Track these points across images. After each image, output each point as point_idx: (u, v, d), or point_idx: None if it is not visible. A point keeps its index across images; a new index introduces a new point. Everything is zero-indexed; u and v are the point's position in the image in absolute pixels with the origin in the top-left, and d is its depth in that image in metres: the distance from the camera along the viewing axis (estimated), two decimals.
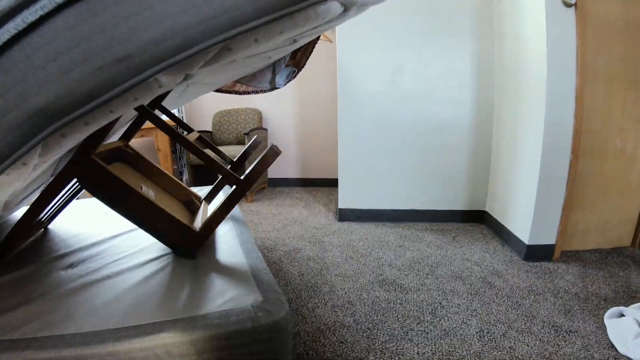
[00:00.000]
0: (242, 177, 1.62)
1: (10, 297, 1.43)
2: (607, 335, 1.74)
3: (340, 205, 3.29)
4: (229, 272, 1.57)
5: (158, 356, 1.18)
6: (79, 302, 1.39)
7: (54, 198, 1.54)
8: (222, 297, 1.37)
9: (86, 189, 1.58)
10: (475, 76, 2.96)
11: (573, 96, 2.30)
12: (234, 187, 1.64)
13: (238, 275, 1.53)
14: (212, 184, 2.43)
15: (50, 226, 2.18)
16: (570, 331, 1.77)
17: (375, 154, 3.18)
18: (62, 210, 2.19)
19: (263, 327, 1.22)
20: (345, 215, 3.29)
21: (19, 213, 2.32)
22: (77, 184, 1.94)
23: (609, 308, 1.90)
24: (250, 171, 1.61)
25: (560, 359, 1.59)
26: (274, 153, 1.61)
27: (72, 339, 1.18)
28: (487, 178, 3.09)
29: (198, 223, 1.83)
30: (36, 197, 1.51)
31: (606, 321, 1.84)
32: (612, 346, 1.68)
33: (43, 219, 1.96)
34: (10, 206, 1.74)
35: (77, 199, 2.82)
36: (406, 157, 3.15)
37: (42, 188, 1.82)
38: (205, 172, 4.52)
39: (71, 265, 1.69)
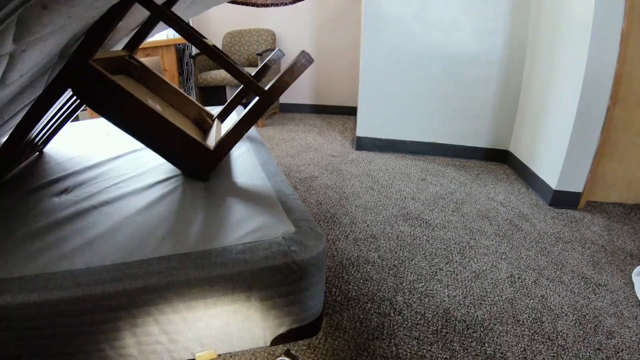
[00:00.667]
0: (266, 89, 1.40)
1: None
2: (634, 292, 1.66)
3: (359, 133, 3.10)
4: (251, 197, 1.38)
5: (167, 299, 1.01)
6: (71, 233, 1.20)
7: (45, 112, 1.31)
8: (245, 226, 1.18)
9: (83, 101, 1.34)
10: (511, 6, 2.66)
11: (618, 39, 2.06)
12: (256, 99, 1.42)
13: (263, 201, 1.34)
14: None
15: (46, 149, 1.94)
16: (599, 284, 1.68)
17: (398, 82, 2.94)
18: (58, 131, 1.93)
19: (297, 263, 1.05)
20: (364, 144, 3.12)
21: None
22: (74, 98, 1.70)
23: (636, 264, 1.81)
24: (276, 81, 1.37)
25: (591, 313, 1.50)
26: (306, 61, 1.37)
27: (62, 279, 1.00)
28: (514, 117, 2.89)
29: (211, 142, 1.61)
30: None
31: (634, 278, 1.75)
32: None
33: (37, 141, 1.72)
34: None
35: (76, 120, 2.57)
36: (430, 87, 2.92)
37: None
38: (213, 95, 4.22)
39: (65, 191, 1.49)
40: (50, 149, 1.94)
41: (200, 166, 1.47)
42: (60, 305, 0.98)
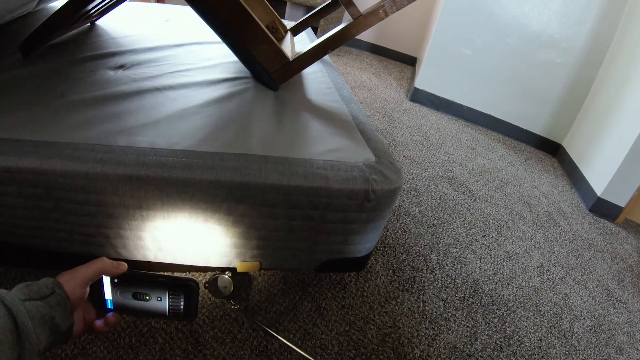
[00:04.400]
0: (364, 13, 1.25)
1: (43, 92, 1.11)
2: None
3: (417, 85, 2.93)
4: (327, 117, 1.27)
5: (235, 200, 0.92)
6: (131, 109, 1.10)
7: None
8: (325, 144, 1.10)
9: None
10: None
11: None
12: (345, 24, 1.28)
13: (340, 124, 1.24)
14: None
15: (99, 22, 1.76)
16: (620, 300, 1.63)
17: (471, 45, 2.73)
18: (116, 5, 1.74)
19: (376, 193, 0.99)
20: (419, 97, 2.95)
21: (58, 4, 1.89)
22: None
23: None
24: (375, 9, 1.23)
25: (607, 324, 1.47)
26: None
27: (122, 153, 0.92)
28: (576, 112, 2.70)
29: (287, 52, 1.47)
30: None
31: None
32: None
33: (91, 11, 1.56)
34: None
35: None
36: (502, 59, 2.71)
37: None
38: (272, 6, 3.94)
39: (122, 67, 1.36)
40: (104, 23, 1.76)
41: (274, 74, 1.35)
42: (116, 181, 0.90)
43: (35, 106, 1.05)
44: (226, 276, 1.06)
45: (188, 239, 1.02)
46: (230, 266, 1.09)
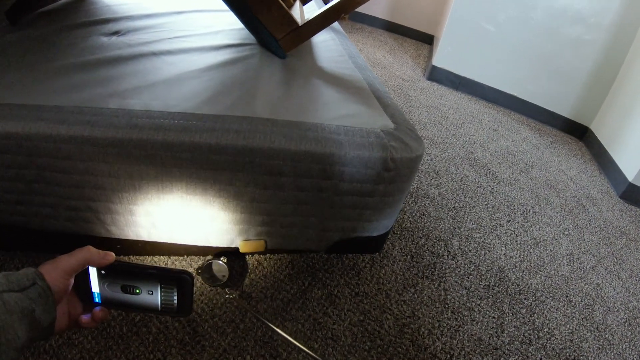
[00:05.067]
0: None
1: (30, 56, 1.04)
2: None
3: (435, 63, 2.80)
4: (340, 83, 1.19)
5: (237, 166, 0.85)
6: (126, 73, 1.02)
7: None
8: (338, 109, 1.01)
9: None
10: None
11: None
12: None
13: (354, 90, 1.15)
14: None
15: None
16: None
17: (494, 21, 2.59)
18: None
19: (395, 161, 0.90)
20: (437, 76, 2.82)
21: None
22: None
23: None
24: None
25: None
26: None
27: (113, 116, 0.85)
28: (605, 93, 2.55)
29: (295, 17, 1.38)
30: None
31: None
32: None
33: None
34: None
35: None
36: (527, 36, 2.56)
37: None
38: None
39: (117, 33, 1.27)
40: None
41: (282, 40, 1.25)
42: (105, 146, 0.83)
43: (21, 70, 0.98)
44: (221, 261, 0.97)
45: (185, 213, 0.94)
46: (232, 246, 1.01)
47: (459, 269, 1.32)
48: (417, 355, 1.03)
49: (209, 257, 0.99)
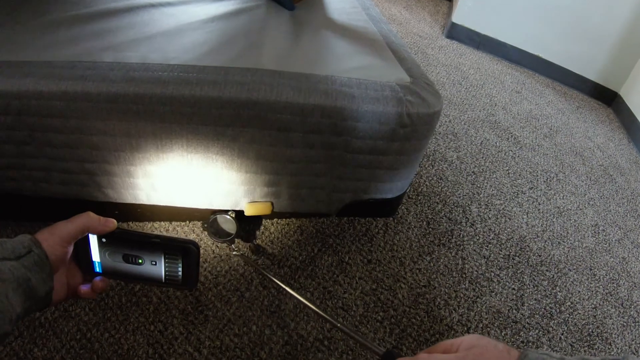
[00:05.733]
0: None
1: (19, 11, 0.97)
2: None
3: (454, 19, 2.67)
4: (352, 35, 1.12)
5: (241, 121, 0.81)
6: (121, 25, 0.97)
7: None
8: (350, 61, 0.96)
9: None
10: None
11: None
12: None
13: (368, 42, 1.09)
14: None
15: None
16: None
17: None
18: None
19: (411, 117, 0.86)
20: (457, 33, 2.70)
21: None
22: None
23: None
24: None
25: None
26: None
27: (107, 69, 0.80)
28: (637, 57, 2.42)
29: None
30: None
31: None
32: None
33: None
34: None
35: None
36: None
37: None
38: None
39: None
40: None
41: None
42: (100, 101, 0.79)
43: (9, 26, 0.92)
44: (228, 216, 0.94)
45: (186, 173, 0.90)
46: (237, 208, 0.97)
47: (477, 237, 1.28)
48: (432, 327, 1.01)
49: (218, 211, 0.95)
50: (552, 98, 2.32)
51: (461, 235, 1.26)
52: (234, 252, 0.98)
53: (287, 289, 0.77)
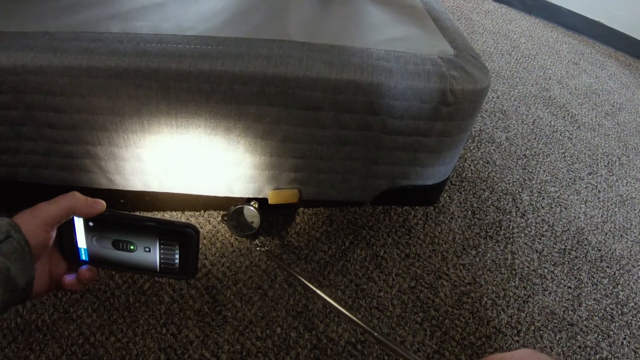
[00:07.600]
0: None
1: None
2: None
3: None
4: (389, 1, 1.08)
5: (267, 99, 0.79)
6: None
7: None
8: (386, 32, 0.92)
9: None
10: None
11: None
12: None
13: (407, 11, 1.04)
14: None
15: None
16: None
17: None
18: None
19: (455, 93, 0.82)
20: None
21: None
22: None
23: None
24: None
25: None
26: None
27: (115, 41, 0.78)
28: None
29: None
30: None
31: None
32: None
33: None
34: None
35: None
36: None
37: None
38: None
39: None
40: None
41: None
42: (107, 77, 0.76)
43: None
44: (252, 207, 0.91)
45: (203, 157, 0.88)
46: (260, 196, 0.96)
47: (529, 229, 1.24)
48: (477, 329, 0.97)
49: (239, 203, 0.94)
50: (614, 70, 2.24)
51: (510, 227, 1.23)
52: (257, 248, 0.96)
53: (314, 288, 0.74)
